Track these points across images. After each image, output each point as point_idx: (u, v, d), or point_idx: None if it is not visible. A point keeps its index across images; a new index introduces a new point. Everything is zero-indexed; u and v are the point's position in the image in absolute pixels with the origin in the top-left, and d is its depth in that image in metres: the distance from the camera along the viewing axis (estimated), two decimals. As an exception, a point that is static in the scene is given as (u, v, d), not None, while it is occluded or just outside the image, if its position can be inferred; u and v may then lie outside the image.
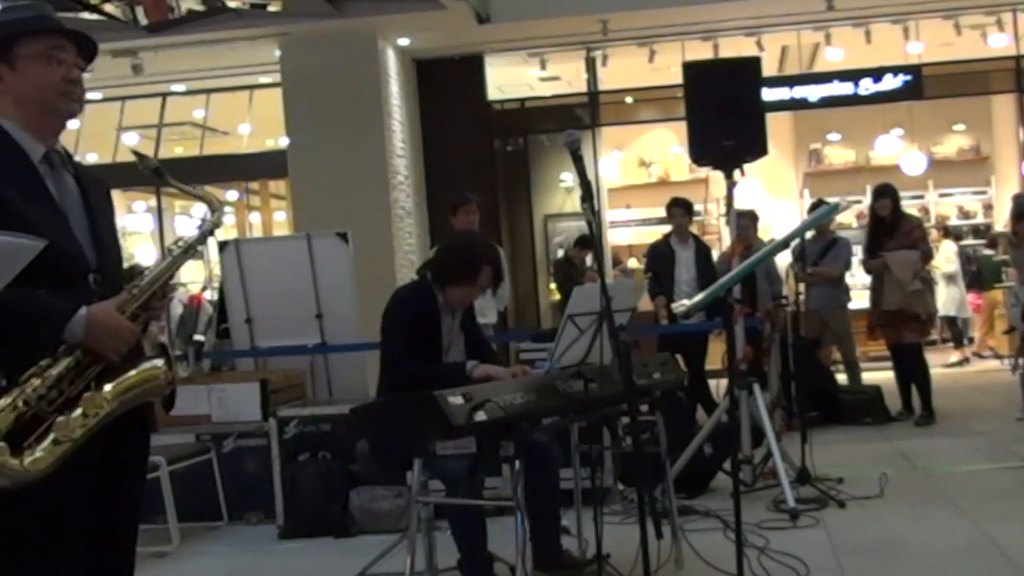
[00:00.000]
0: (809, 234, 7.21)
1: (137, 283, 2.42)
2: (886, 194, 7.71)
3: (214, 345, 8.27)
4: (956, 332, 11.49)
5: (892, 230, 7.62)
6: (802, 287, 8.03)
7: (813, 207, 8.37)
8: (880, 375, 8.52)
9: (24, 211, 2.31)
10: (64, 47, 2.44)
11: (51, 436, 2.20)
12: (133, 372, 2.36)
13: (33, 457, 2.18)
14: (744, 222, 7.30)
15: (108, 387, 2.31)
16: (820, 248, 8.11)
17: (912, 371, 7.70)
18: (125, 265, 3.26)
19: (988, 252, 12.24)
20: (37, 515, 2.30)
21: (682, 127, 6.59)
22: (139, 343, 2.44)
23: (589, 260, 10.61)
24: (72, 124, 2.63)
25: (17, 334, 2.26)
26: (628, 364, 3.33)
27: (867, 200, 10.15)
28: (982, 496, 5.26)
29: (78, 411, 2.24)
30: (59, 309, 2.29)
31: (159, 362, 2.40)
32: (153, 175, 2.60)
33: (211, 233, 2.58)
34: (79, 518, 2.37)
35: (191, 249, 2.52)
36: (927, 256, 7.78)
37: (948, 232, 12.24)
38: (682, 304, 6.75)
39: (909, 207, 10.98)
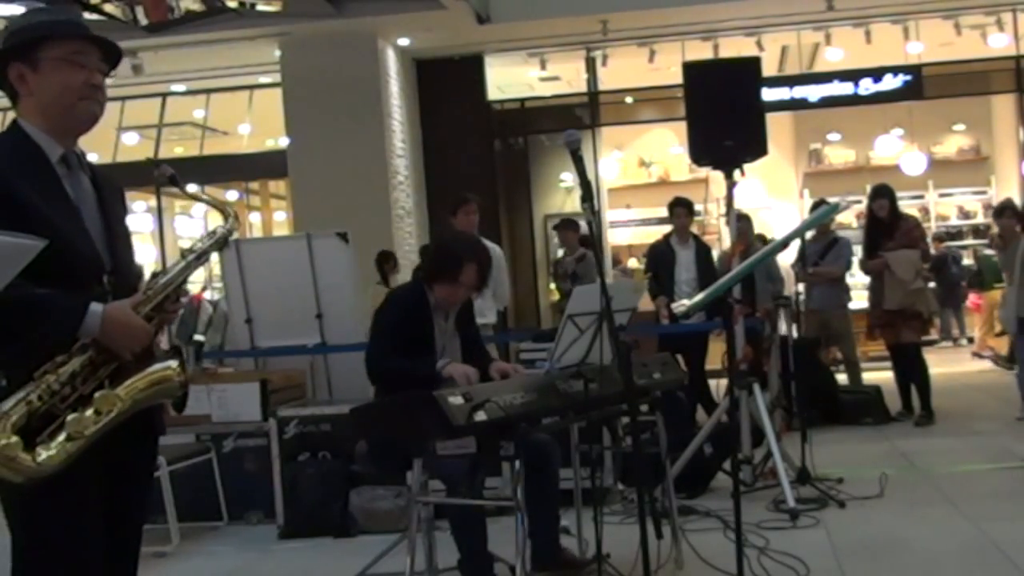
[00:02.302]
0: (809, 234, 7.21)
1: (152, 285, 2.43)
2: (883, 194, 7.71)
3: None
4: None
5: (890, 230, 7.62)
6: (802, 287, 8.02)
7: (814, 207, 8.37)
8: (880, 375, 8.51)
9: (45, 212, 2.32)
10: (88, 52, 2.46)
11: (64, 433, 2.21)
12: (147, 372, 2.36)
13: (47, 453, 2.18)
14: (742, 225, 7.30)
15: (122, 386, 2.31)
16: (820, 248, 8.11)
17: (911, 371, 7.70)
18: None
19: (988, 252, 12.24)
20: (60, 500, 2.30)
21: (682, 127, 6.59)
22: (150, 345, 2.45)
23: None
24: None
25: (31, 329, 2.26)
26: (628, 364, 3.33)
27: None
28: (982, 496, 5.26)
29: (91, 409, 2.25)
30: (74, 305, 2.30)
31: (173, 363, 2.41)
32: (168, 182, 2.65)
33: (225, 242, 2.61)
34: (96, 505, 2.38)
35: (204, 256, 2.57)
36: (926, 255, 7.78)
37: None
38: (682, 304, 6.75)
39: (909, 207, 10.99)
